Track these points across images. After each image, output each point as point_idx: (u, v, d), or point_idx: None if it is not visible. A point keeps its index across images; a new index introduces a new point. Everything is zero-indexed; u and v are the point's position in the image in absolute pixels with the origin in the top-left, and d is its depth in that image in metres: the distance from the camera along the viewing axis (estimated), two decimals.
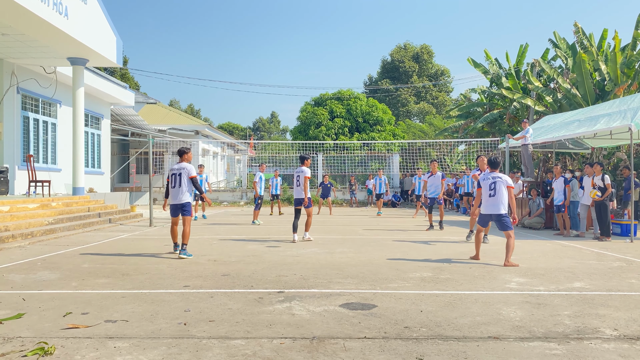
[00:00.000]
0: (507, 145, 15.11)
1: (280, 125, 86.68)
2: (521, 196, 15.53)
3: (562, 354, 3.63)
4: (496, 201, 7.62)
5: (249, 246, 9.40)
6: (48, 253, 8.39)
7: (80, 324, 4.28)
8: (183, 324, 4.31)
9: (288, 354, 3.61)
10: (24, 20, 11.42)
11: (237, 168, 33.25)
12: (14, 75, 14.80)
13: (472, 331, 4.16)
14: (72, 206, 13.50)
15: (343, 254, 8.46)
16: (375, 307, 4.90)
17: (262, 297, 5.29)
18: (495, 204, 7.64)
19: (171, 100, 75.16)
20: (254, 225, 14.03)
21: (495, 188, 7.63)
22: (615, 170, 18.23)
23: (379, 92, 47.51)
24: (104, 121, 20.62)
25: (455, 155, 29.15)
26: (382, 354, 3.62)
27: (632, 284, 6.13)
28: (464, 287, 5.87)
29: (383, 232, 12.48)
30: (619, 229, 11.60)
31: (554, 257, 8.24)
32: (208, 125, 31.93)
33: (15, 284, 5.98)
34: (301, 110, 33.98)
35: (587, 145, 16.05)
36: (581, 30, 21.72)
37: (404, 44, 51.59)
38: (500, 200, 7.59)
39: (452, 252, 8.78)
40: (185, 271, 6.77)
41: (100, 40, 14.33)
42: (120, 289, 5.68)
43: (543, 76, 24.03)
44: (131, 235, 11.23)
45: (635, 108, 11.16)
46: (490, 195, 7.67)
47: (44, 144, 16.50)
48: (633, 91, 18.19)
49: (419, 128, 36.34)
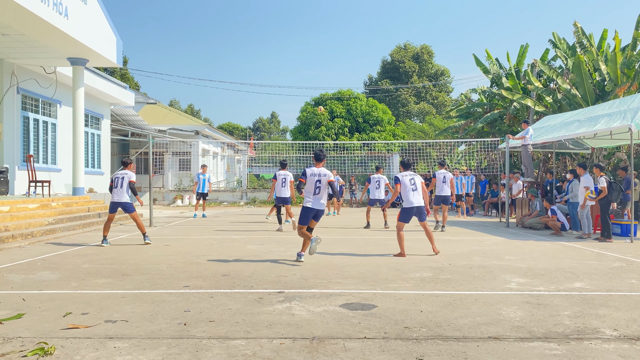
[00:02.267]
0: (507, 146, 15.10)
1: (280, 126, 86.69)
2: (521, 196, 15.54)
3: (562, 354, 3.63)
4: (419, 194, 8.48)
5: (249, 246, 9.40)
6: (48, 253, 8.39)
7: (80, 324, 4.28)
8: (183, 324, 4.31)
9: (288, 354, 3.61)
10: (24, 20, 11.42)
11: (237, 168, 33.26)
12: (14, 76, 14.80)
13: (472, 331, 4.16)
14: (72, 206, 13.50)
15: (343, 254, 8.46)
16: (375, 308, 4.90)
17: (262, 297, 5.29)
18: (419, 198, 8.43)
19: (171, 101, 75.25)
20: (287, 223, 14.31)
21: (415, 183, 8.49)
22: (615, 170, 18.22)
23: (379, 92, 47.51)
24: (104, 121, 20.61)
25: (455, 155, 29.15)
26: (382, 354, 3.62)
27: (632, 284, 6.12)
28: (464, 287, 5.87)
29: (383, 232, 12.49)
30: (619, 229, 11.60)
31: (554, 258, 8.24)
32: (208, 126, 31.94)
33: (15, 284, 5.98)
34: (301, 111, 34.00)
35: (587, 146, 16.04)
36: (581, 30, 21.70)
37: (404, 44, 51.56)
38: (420, 194, 8.49)
39: (452, 252, 8.78)
40: (185, 271, 6.77)
41: (100, 41, 14.33)
42: (120, 289, 5.68)
43: (543, 76, 24.02)
44: (131, 236, 11.23)
45: (635, 108, 11.15)
46: (413, 190, 8.41)
47: (44, 144, 16.50)
48: (633, 91, 18.18)
49: (419, 128, 36.34)
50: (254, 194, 26.18)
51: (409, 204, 8.30)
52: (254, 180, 29.78)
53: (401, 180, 8.39)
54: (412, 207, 8.28)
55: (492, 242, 10.38)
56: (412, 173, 8.55)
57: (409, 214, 8.32)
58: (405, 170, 8.66)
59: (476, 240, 10.51)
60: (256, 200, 25.57)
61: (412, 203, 8.27)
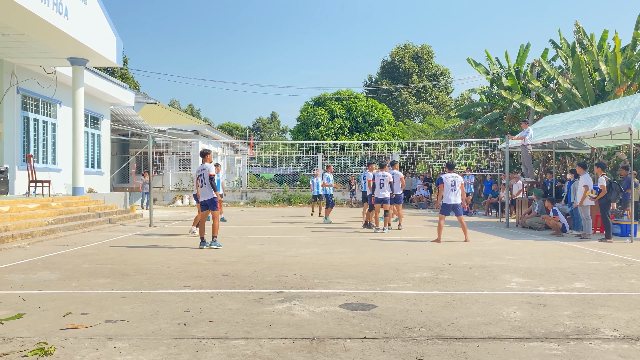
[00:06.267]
0: (507, 146, 15.10)
1: (280, 126, 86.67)
2: (521, 196, 15.54)
3: (562, 354, 3.63)
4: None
5: (249, 246, 9.40)
6: (48, 253, 8.39)
7: (80, 324, 4.28)
8: (183, 324, 4.31)
9: (288, 354, 3.61)
10: (24, 20, 11.42)
11: (237, 168, 33.25)
12: (14, 76, 14.80)
13: (472, 331, 4.16)
14: (72, 206, 13.50)
15: (343, 254, 8.46)
16: (375, 308, 4.90)
17: (262, 298, 5.29)
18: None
19: (171, 100, 75.22)
20: (326, 222, 14.54)
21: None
22: (615, 170, 18.23)
23: (379, 92, 47.50)
24: (104, 121, 20.62)
25: (455, 155, 29.15)
26: (382, 354, 3.62)
27: (632, 284, 6.12)
28: (464, 287, 5.87)
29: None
30: (619, 229, 11.60)
31: (554, 258, 8.24)
32: (208, 126, 31.94)
33: (15, 284, 5.98)
34: (301, 111, 34.00)
35: (587, 146, 16.04)
36: (582, 30, 21.71)
37: (404, 44, 51.55)
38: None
39: (452, 252, 8.78)
40: (185, 271, 6.77)
41: (100, 41, 14.33)
42: (120, 289, 5.68)
43: (543, 76, 24.03)
44: (131, 236, 11.23)
45: (635, 108, 11.15)
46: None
47: (44, 144, 16.50)
48: (633, 91, 18.18)
49: (418, 128, 36.33)
50: (253, 194, 26.18)
51: (447, 201, 10.24)
52: (254, 180, 29.78)
53: (444, 181, 10.29)
54: (450, 203, 10.23)
55: (492, 242, 10.38)
56: (454, 174, 10.30)
57: (448, 209, 10.26)
58: (450, 171, 10.45)
59: (476, 240, 10.51)
60: (256, 200, 25.57)
61: (450, 200, 10.22)
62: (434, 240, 10.24)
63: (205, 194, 9.21)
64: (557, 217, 12.29)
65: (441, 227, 10.28)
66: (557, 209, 12.59)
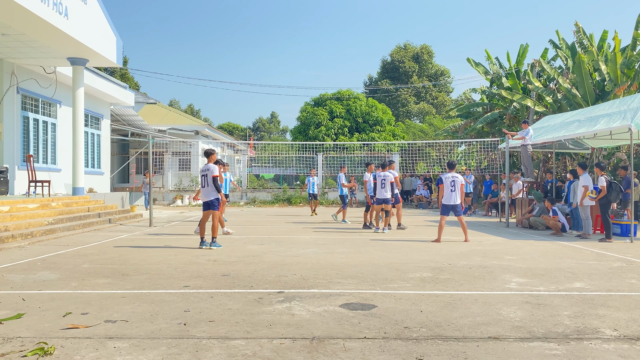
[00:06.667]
0: (507, 146, 15.10)
1: (280, 126, 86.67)
2: (521, 196, 15.55)
3: (562, 354, 3.63)
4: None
5: (249, 246, 9.40)
6: (48, 253, 8.39)
7: (80, 324, 4.28)
8: (183, 324, 4.31)
9: (288, 354, 3.61)
10: (24, 20, 11.42)
11: (237, 168, 33.23)
12: (14, 76, 14.80)
13: (472, 331, 4.16)
14: (72, 206, 13.50)
15: (343, 254, 8.46)
16: (375, 308, 4.90)
17: (262, 298, 5.29)
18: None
19: (171, 100, 75.23)
20: (344, 223, 14.61)
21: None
22: (615, 170, 18.23)
23: (379, 92, 47.49)
24: (104, 121, 20.61)
25: (455, 155, 29.15)
26: (382, 354, 3.62)
27: (632, 284, 6.12)
28: (464, 287, 5.87)
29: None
30: (619, 229, 11.60)
31: (554, 258, 8.24)
32: (208, 126, 31.92)
33: (15, 284, 5.98)
34: (301, 111, 34.00)
35: (587, 146, 16.05)
36: (582, 30, 21.71)
37: (404, 44, 51.54)
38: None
39: (452, 252, 8.78)
40: (185, 271, 6.77)
41: (100, 40, 14.33)
42: (120, 289, 5.68)
43: (543, 76, 24.03)
44: (131, 236, 11.23)
45: (635, 108, 11.15)
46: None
47: (43, 144, 16.50)
48: (633, 91, 18.18)
49: (418, 128, 36.34)
50: (253, 194, 26.18)
51: (447, 201, 10.36)
52: (254, 180, 29.77)
53: (443, 181, 10.39)
54: (449, 204, 10.35)
55: (492, 242, 10.38)
56: (454, 174, 10.28)
57: (447, 209, 10.37)
58: (451, 170, 10.44)
59: (476, 240, 10.51)
60: (256, 200, 25.57)
61: (449, 201, 10.34)
62: (434, 240, 10.30)
63: (207, 194, 9.18)
64: (557, 217, 12.30)
65: (442, 227, 10.38)
66: (557, 209, 12.59)
